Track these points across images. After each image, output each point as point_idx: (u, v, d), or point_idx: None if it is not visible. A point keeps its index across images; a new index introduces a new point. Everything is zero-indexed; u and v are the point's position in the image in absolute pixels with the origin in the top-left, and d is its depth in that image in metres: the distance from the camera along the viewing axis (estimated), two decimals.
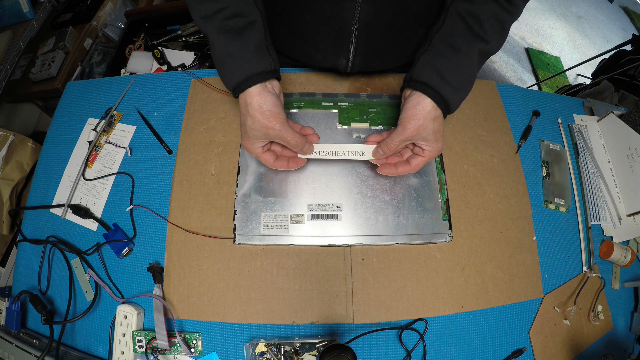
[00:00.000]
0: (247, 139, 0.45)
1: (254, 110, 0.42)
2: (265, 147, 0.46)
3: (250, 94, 0.42)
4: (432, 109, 0.43)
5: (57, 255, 0.52)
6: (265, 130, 0.43)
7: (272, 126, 0.42)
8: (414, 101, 0.43)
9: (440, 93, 0.42)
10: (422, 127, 0.43)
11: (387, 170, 0.47)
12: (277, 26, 0.57)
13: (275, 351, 0.44)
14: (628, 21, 2.86)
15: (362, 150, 0.48)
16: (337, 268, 0.48)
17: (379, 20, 0.49)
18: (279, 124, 0.42)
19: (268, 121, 0.42)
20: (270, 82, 0.44)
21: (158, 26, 1.09)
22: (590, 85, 1.32)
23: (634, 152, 0.56)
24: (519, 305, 0.50)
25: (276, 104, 0.43)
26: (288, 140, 0.44)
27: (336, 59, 0.55)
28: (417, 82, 0.43)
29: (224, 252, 0.49)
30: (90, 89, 0.64)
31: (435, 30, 0.46)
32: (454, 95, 0.43)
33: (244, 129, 0.45)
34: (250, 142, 0.45)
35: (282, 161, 0.47)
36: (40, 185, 0.58)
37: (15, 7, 1.09)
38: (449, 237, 0.50)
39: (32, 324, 0.51)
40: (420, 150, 0.46)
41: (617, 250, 0.53)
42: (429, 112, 0.43)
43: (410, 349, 0.46)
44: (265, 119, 0.42)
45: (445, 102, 0.43)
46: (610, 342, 0.52)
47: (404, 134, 0.43)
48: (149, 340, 0.45)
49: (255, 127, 0.43)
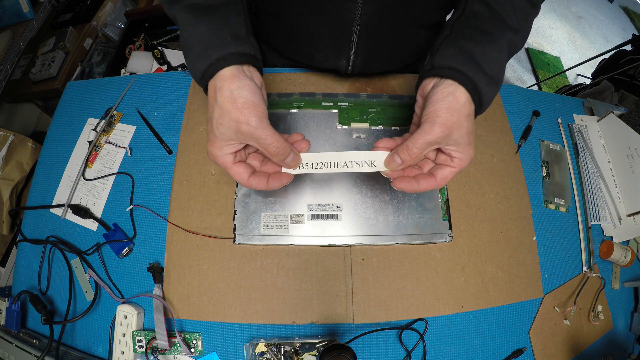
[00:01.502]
0: (213, 140, 0.34)
1: (223, 97, 0.32)
2: (237, 156, 0.35)
3: (221, 77, 0.32)
4: (466, 101, 0.32)
5: (57, 255, 0.52)
6: (237, 125, 0.32)
7: (246, 120, 0.31)
8: (443, 91, 0.33)
9: (473, 80, 0.32)
10: (455, 125, 0.32)
11: (406, 184, 0.35)
12: (278, 27, 0.56)
13: (275, 351, 0.44)
14: (628, 21, 2.86)
15: (372, 159, 0.36)
16: (337, 268, 0.48)
17: (380, 21, 0.48)
18: (255, 118, 0.32)
19: (241, 113, 0.31)
20: (248, 68, 0.35)
21: (158, 26, 1.09)
22: (590, 85, 1.32)
23: (634, 152, 0.56)
24: (519, 305, 0.50)
25: (254, 91, 0.33)
26: (266, 143, 0.32)
27: (337, 60, 0.54)
28: (444, 68, 0.33)
29: (224, 252, 0.49)
30: (90, 89, 0.64)
31: (455, 17, 0.38)
32: (487, 86, 0.33)
33: (210, 127, 0.33)
34: (216, 146, 0.34)
35: (260, 178, 0.35)
36: (40, 185, 0.58)
37: (15, 7, 1.09)
38: (449, 237, 0.50)
39: (32, 324, 0.51)
40: (447, 159, 0.35)
41: (617, 250, 0.53)
42: (463, 106, 0.32)
43: (410, 349, 0.46)
44: (238, 110, 0.31)
45: (479, 95, 0.33)
46: (610, 342, 0.52)
47: (432, 133, 0.32)
48: (149, 340, 0.45)
49: (223, 122, 0.32)
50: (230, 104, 0.32)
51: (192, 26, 0.35)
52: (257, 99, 0.33)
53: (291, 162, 0.35)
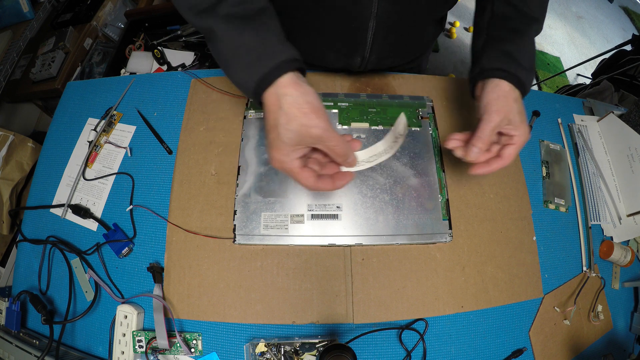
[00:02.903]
0: (279, 147, 0.34)
1: (289, 104, 0.33)
2: (304, 161, 0.36)
3: (281, 85, 0.33)
4: (510, 89, 0.41)
5: (57, 255, 0.52)
6: (307, 130, 0.33)
7: (315, 124, 0.33)
8: (490, 86, 0.42)
9: (517, 76, 0.41)
10: (507, 109, 0.40)
11: (482, 169, 0.42)
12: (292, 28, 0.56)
13: (275, 351, 0.44)
14: (628, 21, 2.86)
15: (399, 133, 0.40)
16: (337, 268, 0.48)
17: (396, 16, 0.48)
18: (323, 122, 0.33)
19: (309, 118, 0.33)
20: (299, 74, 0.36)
21: (158, 26, 1.09)
22: (590, 85, 1.32)
23: (634, 152, 0.56)
24: (519, 305, 0.50)
25: (316, 96, 0.34)
26: (334, 145, 0.34)
27: (351, 58, 0.54)
28: (493, 70, 0.42)
29: (224, 252, 0.49)
30: (90, 89, 0.64)
31: (485, 20, 0.46)
32: (527, 76, 0.42)
33: (275, 134, 0.34)
34: (283, 153, 0.34)
35: (326, 180, 0.37)
36: (40, 185, 0.58)
37: (15, 7, 1.09)
38: (449, 237, 0.50)
39: (32, 324, 0.51)
40: (507, 138, 0.42)
41: (617, 250, 0.53)
42: (508, 92, 0.41)
43: (410, 349, 0.46)
44: (305, 115, 0.33)
45: (522, 85, 0.41)
46: (610, 342, 0.52)
47: (492, 120, 0.40)
48: (149, 340, 0.45)
49: (291, 128, 0.33)
50: (297, 109, 0.33)
51: (236, 36, 0.35)
52: (320, 103, 0.34)
53: (352, 161, 0.37)
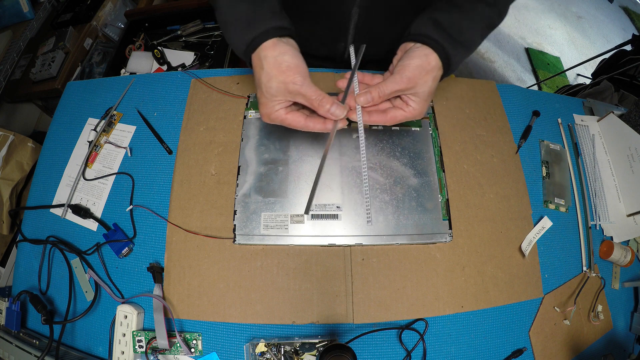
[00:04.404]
0: (264, 103, 0.38)
1: (269, 64, 0.36)
2: (288, 109, 0.39)
3: (264, 47, 0.37)
4: (435, 65, 0.39)
5: (57, 255, 0.52)
6: (285, 86, 0.36)
7: (292, 80, 0.36)
8: (420, 52, 0.39)
9: (443, 47, 0.39)
10: (420, 81, 0.39)
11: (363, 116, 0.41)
12: None
13: (275, 351, 0.44)
14: (628, 21, 2.86)
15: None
16: (337, 268, 0.48)
17: (379, 4, 0.49)
18: (299, 77, 0.36)
19: (286, 75, 0.36)
20: (286, 39, 0.39)
21: (158, 26, 1.09)
22: (590, 85, 1.32)
23: (634, 152, 0.56)
24: (519, 305, 0.50)
25: (295, 55, 0.37)
26: (311, 98, 0.37)
27: (334, 44, 0.55)
28: (418, 35, 0.40)
29: (224, 252, 0.49)
30: (90, 89, 0.64)
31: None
32: (455, 50, 0.40)
33: (260, 92, 0.39)
34: (268, 107, 0.38)
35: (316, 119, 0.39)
36: (40, 185, 0.58)
37: (15, 7, 1.09)
38: (449, 237, 0.50)
39: (32, 324, 0.51)
40: (403, 104, 0.41)
41: (617, 250, 0.53)
42: (432, 68, 0.39)
43: (410, 349, 0.46)
44: (282, 72, 0.36)
45: (448, 59, 0.40)
46: (610, 342, 0.52)
47: (400, 83, 0.38)
48: (149, 340, 0.45)
49: (271, 85, 0.37)
50: (275, 69, 0.36)
51: (233, 5, 0.39)
52: (299, 60, 0.37)
53: (336, 111, 0.38)
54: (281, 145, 0.54)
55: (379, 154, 0.54)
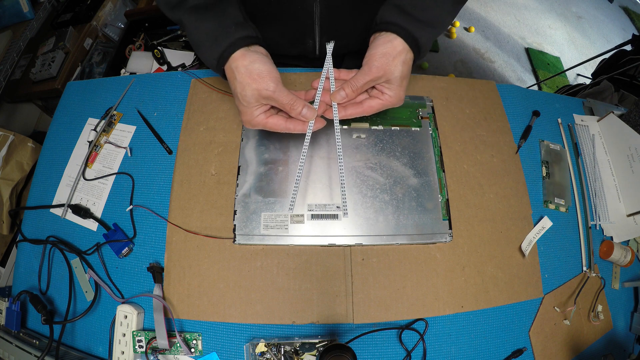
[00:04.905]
0: (243, 111, 0.40)
1: (241, 74, 0.38)
2: (267, 113, 0.41)
3: (234, 59, 0.39)
4: (402, 49, 0.39)
5: (57, 255, 0.52)
6: (258, 93, 0.38)
7: (265, 87, 0.38)
8: (383, 39, 0.40)
9: (407, 29, 0.39)
10: (389, 68, 0.39)
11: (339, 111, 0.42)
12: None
13: (275, 351, 0.44)
14: (628, 21, 2.86)
15: None
16: (337, 268, 0.48)
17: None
18: (272, 84, 0.38)
19: (258, 82, 0.38)
20: (254, 47, 0.41)
21: (158, 26, 1.09)
22: (590, 85, 1.32)
23: (634, 152, 0.56)
24: (519, 305, 0.50)
25: (265, 61, 0.39)
26: (283, 102, 0.39)
27: (303, 43, 0.55)
28: (382, 23, 0.40)
29: (224, 252, 0.49)
30: (90, 89, 0.64)
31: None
32: (421, 30, 0.39)
33: (237, 101, 0.40)
34: (247, 114, 0.40)
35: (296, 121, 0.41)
36: (40, 185, 0.58)
37: (15, 7, 1.09)
38: (449, 237, 0.50)
39: (32, 324, 0.51)
40: (379, 93, 0.42)
41: (617, 250, 0.53)
42: (399, 53, 0.39)
43: (410, 349, 0.46)
44: (255, 80, 0.38)
45: (415, 40, 0.39)
46: (610, 342, 0.52)
47: (369, 74, 0.39)
48: (149, 340, 0.45)
49: (246, 93, 0.38)
50: (247, 77, 0.38)
51: (199, 24, 0.40)
52: (269, 67, 0.39)
53: (307, 113, 0.40)
54: (281, 145, 0.54)
55: (379, 154, 0.54)
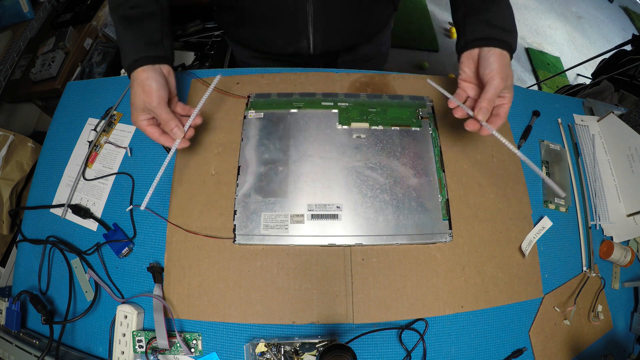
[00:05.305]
0: (132, 112, 0.47)
1: (137, 85, 0.46)
2: (149, 121, 0.47)
3: (137, 72, 0.46)
4: (508, 58, 0.46)
5: (57, 255, 0.52)
6: (144, 104, 0.45)
7: (150, 101, 0.45)
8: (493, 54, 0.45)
9: (505, 40, 0.45)
10: (507, 76, 0.46)
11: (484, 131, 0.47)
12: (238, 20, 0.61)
13: (275, 351, 0.44)
14: (628, 21, 2.86)
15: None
16: (337, 268, 0.48)
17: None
18: (155, 101, 0.45)
19: (146, 96, 0.45)
20: (159, 66, 0.47)
21: None
22: (590, 85, 1.32)
23: (634, 152, 0.56)
24: (519, 305, 0.50)
25: (159, 81, 0.46)
26: (160, 118, 0.46)
27: (297, 41, 0.58)
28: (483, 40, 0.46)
29: (224, 252, 0.49)
30: (90, 89, 0.64)
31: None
32: (512, 37, 0.47)
33: (131, 103, 0.47)
34: (134, 115, 0.47)
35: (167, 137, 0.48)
36: (40, 185, 0.58)
37: (15, 7, 1.09)
38: (449, 237, 0.50)
39: (32, 324, 0.51)
40: (501, 98, 0.47)
41: (617, 250, 0.53)
42: (508, 62, 0.46)
43: (410, 349, 0.46)
44: (144, 93, 0.45)
45: (510, 46, 0.46)
46: (610, 342, 0.52)
47: (498, 86, 0.45)
48: (149, 340, 0.45)
49: (136, 102, 0.46)
50: (140, 89, 0.45)
51: (122, 33, 0.48)
52: (159, 86, 0.46)
53: (176, 132, 0.46)
54: (281, 145, 0.54)
55: (379, 154, 0.54)
